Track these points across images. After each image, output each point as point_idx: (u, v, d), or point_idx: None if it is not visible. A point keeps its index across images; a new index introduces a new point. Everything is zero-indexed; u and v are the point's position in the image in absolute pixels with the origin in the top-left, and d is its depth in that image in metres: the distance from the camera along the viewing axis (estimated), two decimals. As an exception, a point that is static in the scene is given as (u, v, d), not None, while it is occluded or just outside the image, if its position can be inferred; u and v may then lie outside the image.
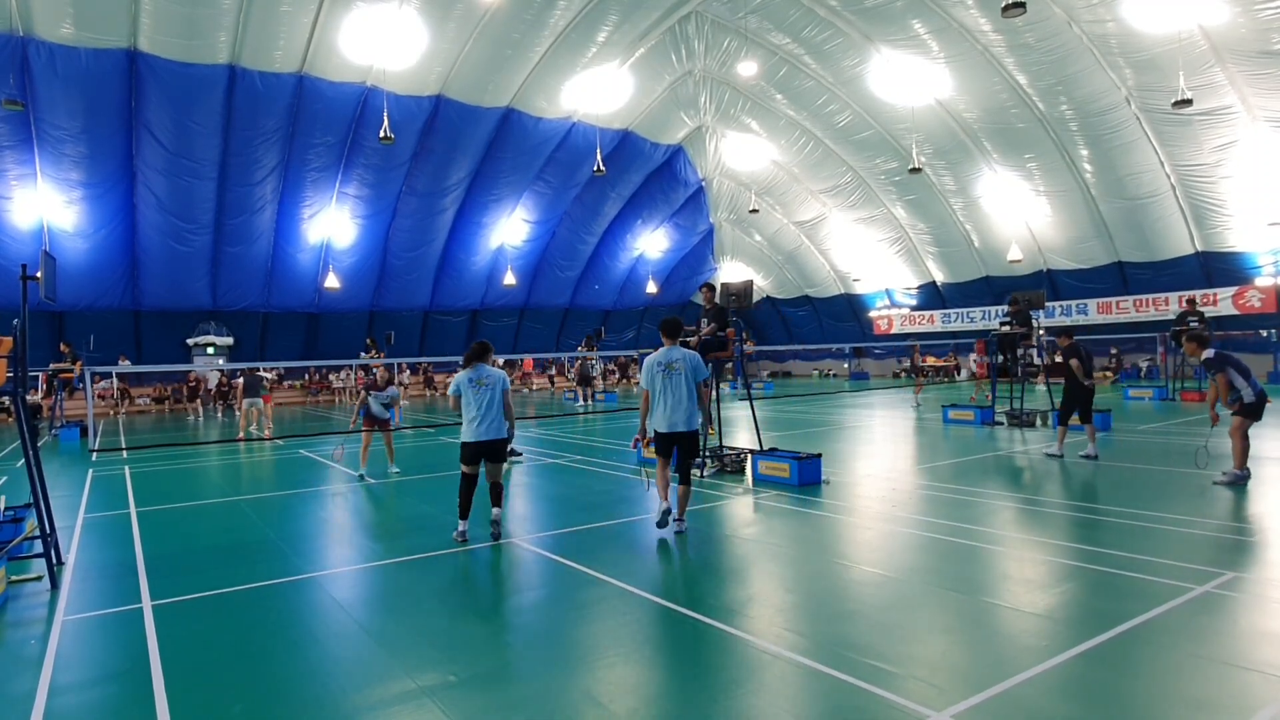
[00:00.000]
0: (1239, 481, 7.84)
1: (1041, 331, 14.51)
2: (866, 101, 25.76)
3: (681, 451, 6.62)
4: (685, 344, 9.74)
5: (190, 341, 27.52)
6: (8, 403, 19.45)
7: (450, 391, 6.91)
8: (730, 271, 37.68)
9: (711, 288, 10.14)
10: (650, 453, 10.55)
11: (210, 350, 27.72)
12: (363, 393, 10.41)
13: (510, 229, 30.45)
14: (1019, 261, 28.34)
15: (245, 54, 20.14)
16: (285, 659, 4.19)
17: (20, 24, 17.82)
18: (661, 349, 6.84)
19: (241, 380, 16.66)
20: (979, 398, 18.13)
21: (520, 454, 11.73)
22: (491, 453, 6.73)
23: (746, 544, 6.42)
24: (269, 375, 21.63)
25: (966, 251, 30.20)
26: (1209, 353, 8.26)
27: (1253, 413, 7.98)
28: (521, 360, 33.57)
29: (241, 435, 15.94)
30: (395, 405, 10.30)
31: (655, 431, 6.70)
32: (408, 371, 28.30)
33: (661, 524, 6.56)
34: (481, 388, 6.73)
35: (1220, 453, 8.97)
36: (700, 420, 6.87)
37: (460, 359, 7.46)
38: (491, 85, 23.84)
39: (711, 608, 4.71)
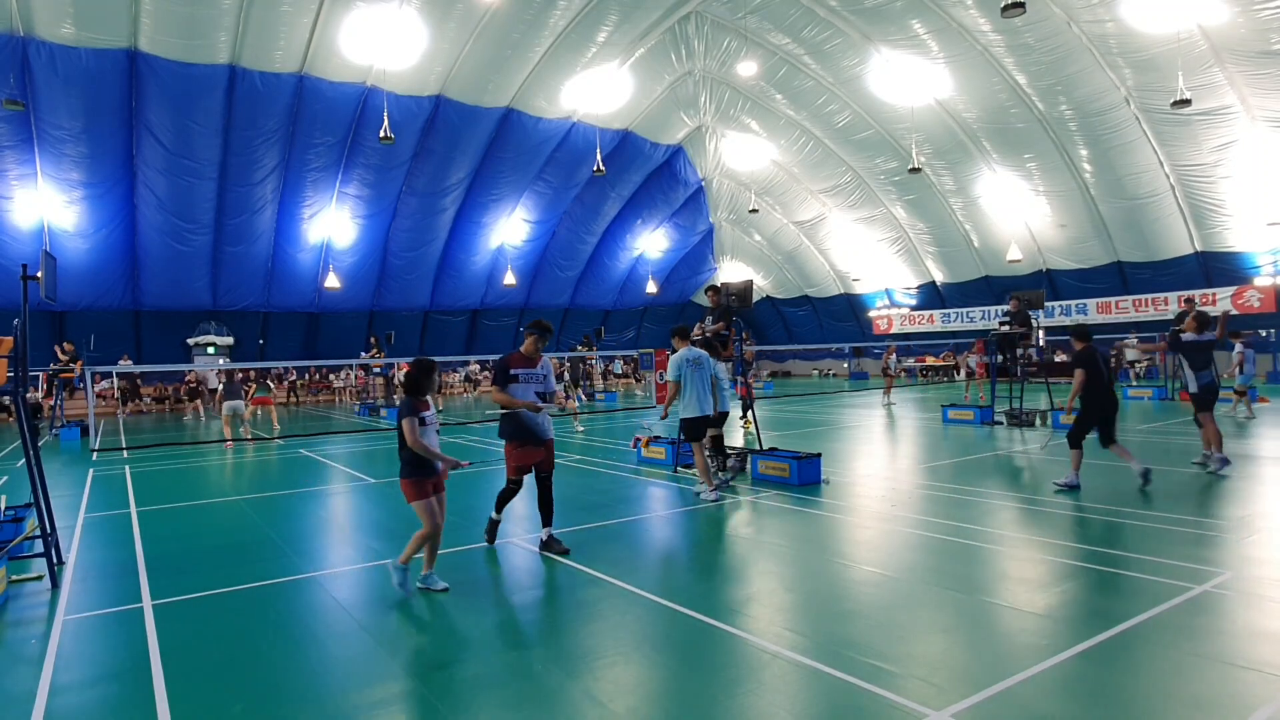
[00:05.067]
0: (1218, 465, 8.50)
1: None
2: (866, 101, 25.76)
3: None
4: (692, 342, 9.85)
5: (190, 341, 27.55)
6: (8, 402, 19.46)
7: (670, 377, 7.76)
8: (730, 271, 37.68)
9: (717, 290, 10.58)
10: (651, 452, 10.61)
11: (210, 350, 27.73)
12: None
13: (510, 229, 30.45)
14: (1018, 261, 28.35)
15: (245, 54, 20.15)
16: (285, 659, 4.20)
17: (21, 24, 17.82)
18: (684, 349, 7.91)
19: (221, 386, 16.18)
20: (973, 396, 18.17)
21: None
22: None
23: (746, 544, 6.42)
24: (271, 385, 21.26)
25: (966, 251, 30.21)
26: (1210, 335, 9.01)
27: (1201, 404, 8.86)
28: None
29: (229, 441, 14.36)
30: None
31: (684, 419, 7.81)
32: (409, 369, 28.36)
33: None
34: (699, 368, 7.75)
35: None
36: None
37: (459, 358, 7.65)
38: (491, 85, 23.85)
39: (711, 607, 4.72)
